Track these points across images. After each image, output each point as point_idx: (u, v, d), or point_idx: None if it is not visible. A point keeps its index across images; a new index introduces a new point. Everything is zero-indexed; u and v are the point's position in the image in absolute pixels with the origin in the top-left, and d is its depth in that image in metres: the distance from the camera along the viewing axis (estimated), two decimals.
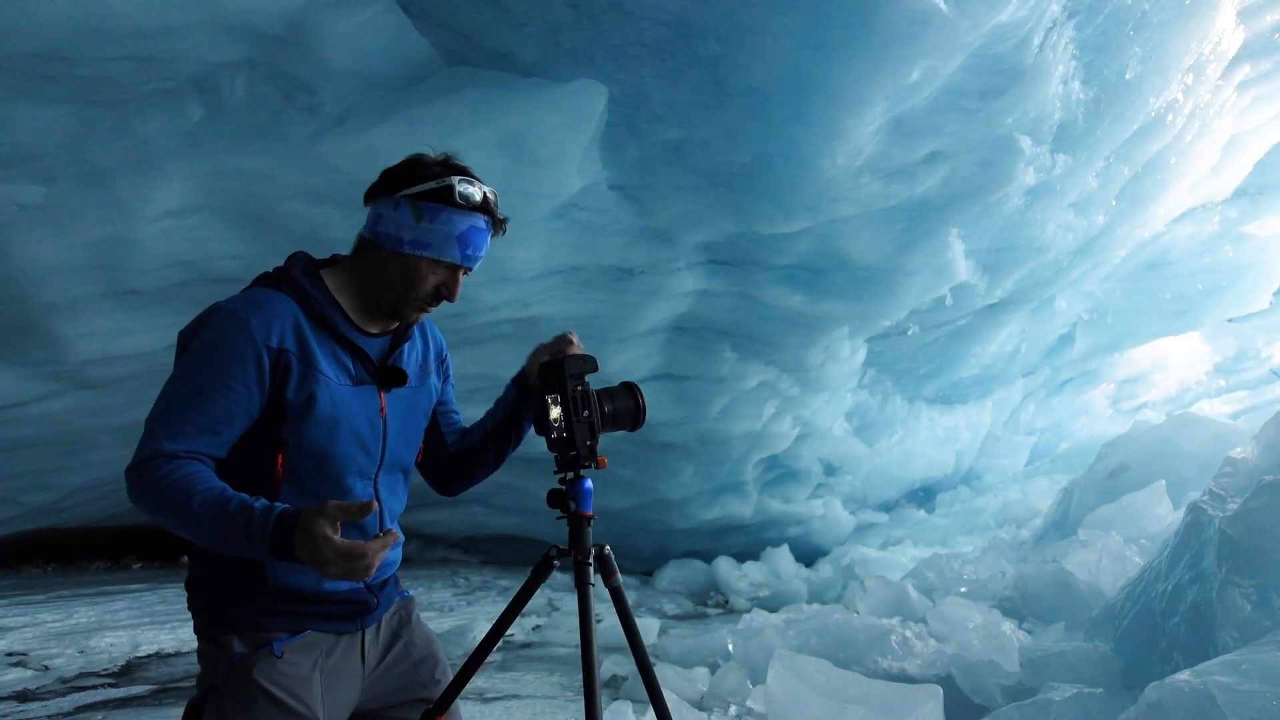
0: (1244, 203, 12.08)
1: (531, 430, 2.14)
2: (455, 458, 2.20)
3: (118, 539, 9.40)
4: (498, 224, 1.95)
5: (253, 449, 1.80)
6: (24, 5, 4.22)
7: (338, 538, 1.55)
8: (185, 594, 1.94)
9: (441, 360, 2.16)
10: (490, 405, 2.25)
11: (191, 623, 1.91)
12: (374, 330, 1.96)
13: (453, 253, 1.88)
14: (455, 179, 1.88)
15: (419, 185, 1.87)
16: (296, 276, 1.88)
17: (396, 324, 1.99)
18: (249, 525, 1.61)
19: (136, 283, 5.63)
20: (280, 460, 1.80)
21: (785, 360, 8.13)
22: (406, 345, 2.01)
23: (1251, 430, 5.10)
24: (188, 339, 1.82)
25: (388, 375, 1.93)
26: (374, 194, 1.92)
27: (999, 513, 10.25)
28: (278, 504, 1.64)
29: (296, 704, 1.81)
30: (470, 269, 1.94)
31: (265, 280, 1.90)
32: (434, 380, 2.10)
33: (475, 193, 1.89)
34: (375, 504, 1.60)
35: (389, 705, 2.05)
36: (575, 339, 2.13)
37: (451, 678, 2.07)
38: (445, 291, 1.91)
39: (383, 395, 1.93)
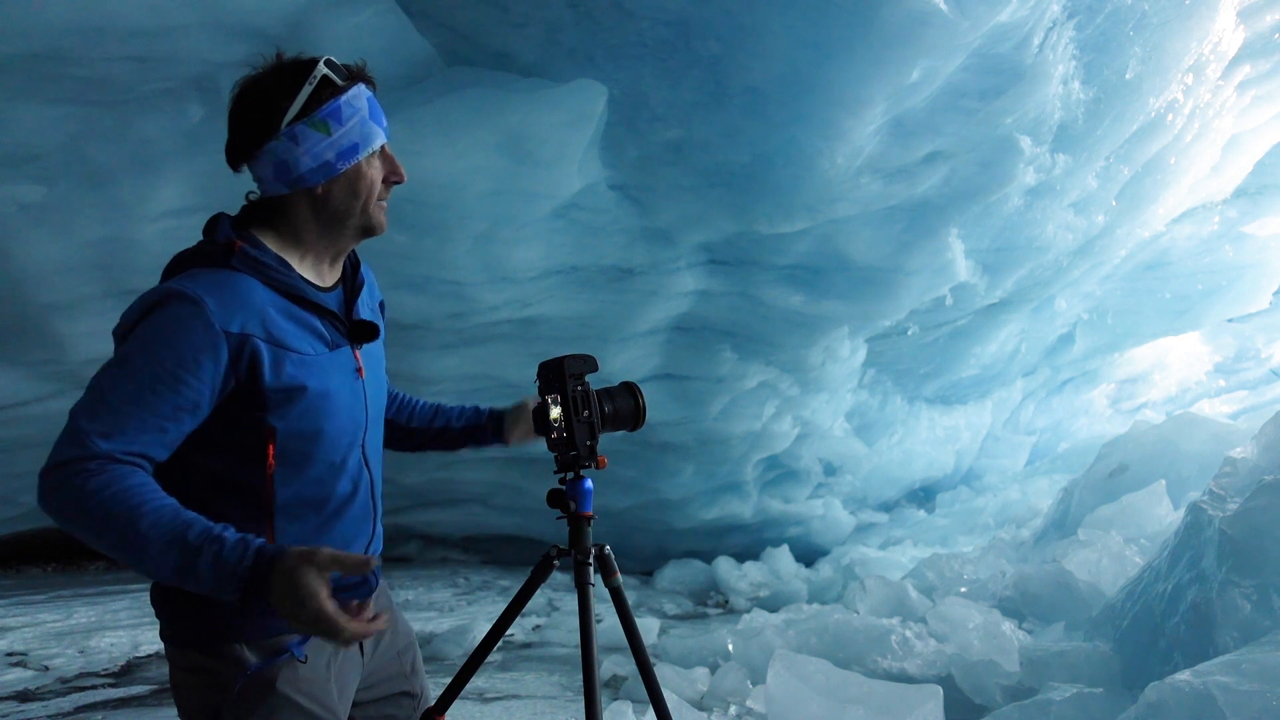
0: (1244, 203, 12.07)
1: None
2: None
3: None
4: (371, 79, 1.80)
5: (239, 442, 1.63)
6: (24, 5, 4.22)
7: (325, 596, 1.37)
8: (152, 604, 1.73)
9: (382, 304, 2.02)
10: (467, 407, 2.20)
11: None
12: (330, 284, 1.80)
13: (377, 136, 1.75)
14: (322, 67, 1.70)
15: (297, 101, 1.69)
16: (246, 249, 1.66)
17: (341, 274, 1.85)
18: (217, 558, 1.40)
19: (136, 283, 5.62)
20: (271, 450, 1.62)
21: (785, 360, 8.13)
22: (364, 291, 1.87)
23: (1251, 430, 5.10)
24: (133, 323, 1.57)
25: (359, 330, 1.80)
26: (246, 147, 1.75)
27: (999, 513, 10.23)
28: (250, 536, 1.44)
29: (323, 711, 1.70)
30: None
31: (209, 259, 1.65)
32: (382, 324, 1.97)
33: (341, 68, 1.74)
34: (375, 560, 1.46)
35: (376, 698, 1.95)
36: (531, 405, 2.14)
37: (450, 674, 2.08)
38: (394, 176, 1.79)
39: (357, 353, 1.79)
